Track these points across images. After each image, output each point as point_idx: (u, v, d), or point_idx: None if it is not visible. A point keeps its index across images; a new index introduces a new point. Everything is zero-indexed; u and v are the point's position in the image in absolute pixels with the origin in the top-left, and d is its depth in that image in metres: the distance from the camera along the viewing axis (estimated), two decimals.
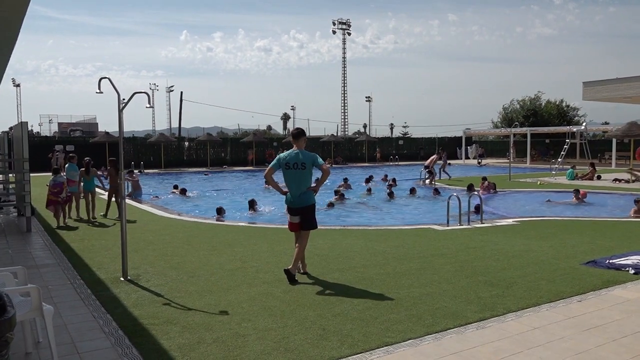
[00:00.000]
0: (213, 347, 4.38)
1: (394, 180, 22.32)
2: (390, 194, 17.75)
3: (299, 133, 6.83)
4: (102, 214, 12.72)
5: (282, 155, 6.77)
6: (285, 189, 6.74)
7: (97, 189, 13.33)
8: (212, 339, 4.55)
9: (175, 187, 19.78)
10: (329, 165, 6.84)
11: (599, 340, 4.53)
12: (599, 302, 5.60)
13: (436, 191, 18.33)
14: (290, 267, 6.47)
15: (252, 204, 14.51)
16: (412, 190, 18.63)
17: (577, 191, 16.13)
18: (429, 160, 23.11)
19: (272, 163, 6.80)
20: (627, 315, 5.16)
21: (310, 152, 6.71)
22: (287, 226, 7.08)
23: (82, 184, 12.45)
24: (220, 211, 13.12)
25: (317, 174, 6.63)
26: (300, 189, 6.58)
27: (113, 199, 12.89)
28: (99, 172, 13.03)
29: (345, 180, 21.07)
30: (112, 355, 4.25)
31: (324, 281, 6.43)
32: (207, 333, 4.68)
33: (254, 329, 4.78)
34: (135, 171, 23.22)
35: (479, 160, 40.02)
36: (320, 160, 6.65)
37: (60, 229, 10.98)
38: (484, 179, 19.02)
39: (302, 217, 6.62)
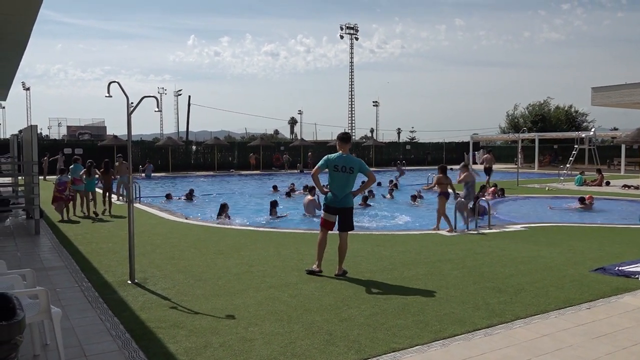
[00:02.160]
0: (219, 351, 4.38)
1: (395, 185, 22.40)
2: (414, 198, 17.94)
3: (348, 137, 7.22)
4: (106, 212, 13.89)
5: (331, 156, 6.97)
6: (326, 189, 7.00)
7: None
8: (219, 343, 4.55)
9: (191, 191, 19.71)
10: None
11: (608, 348, 4.49)
12: (609, 309, 5.55)
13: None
14: (337, 272, 6.88)
15: (274, 205, 14.38)
16: (416, 197, 18.61)
17: (582, 198, 15.95)
18: (485, 162, 23.45)
19: (320, 163, 7.02)
20: (637, 323, 5.11)
21: (356, 158, 7.07)
22: (293, 230, 7.16)
23: (85, 183, 13.68)
24: (224, 208, 13.16)
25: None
26: (345, 191, 6.88)
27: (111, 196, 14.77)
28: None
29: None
30: (119, 358, 4.26)
31: (330, 286, 6.41)
32: (213, 337, 4.68)
33: (260, 334, 4.77)
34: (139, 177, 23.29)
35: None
36: (366, 166, 7.08)
37: (63, 222, 12.22)
38: (495, 185, 18.95)
39: (341, 217, 6.93)
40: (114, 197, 17.18)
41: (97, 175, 14.26)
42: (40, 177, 13.17)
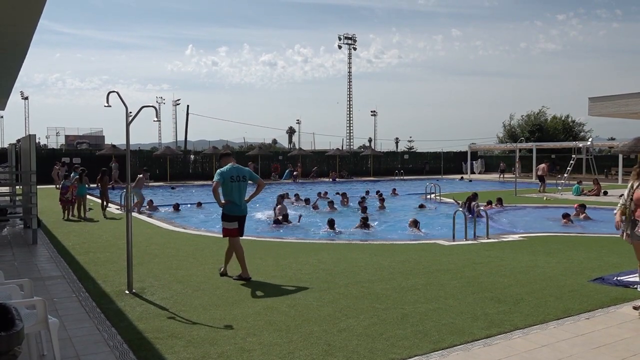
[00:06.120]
0: None
1: (380, 195, 22.62)
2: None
3: (230, 152, 8.10)
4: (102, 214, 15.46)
5: (224, 170, 7.42)
6: (223, 201, 7.32)
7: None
8: (217, 353, 4.53)
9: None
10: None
11: (608, 358, 4.48)
12: (607, 319, 5.55)
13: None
14: (242, 273, 7.27)
15: (332, 223, 14.30)
16: (421, 206, 18.69)
17: (582, 206, 15.93)
18: (540, 170, 25.48)
19: (217, 178, 7.33)
20: (637, 334, 5.10)
21: (244, 167, 7.70)
22: (291, 240, 7.22)
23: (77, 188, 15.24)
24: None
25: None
26: (243, 199, 7.45)
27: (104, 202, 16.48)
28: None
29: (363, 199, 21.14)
30: None
31: (329, 296, 6.40)
32: (211, 348, 4.66)
33: (259, 344, 4.75)
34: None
35: (500, 175, 39.40)
36: (254, 174, 7.81)
37: (69, 220, 14.22)
38: (490, 201, 18.79)
39: (241, 223, 7.44)
40: (116, 206, 17.30)
41: (87, 185, 15.92)
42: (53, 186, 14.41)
